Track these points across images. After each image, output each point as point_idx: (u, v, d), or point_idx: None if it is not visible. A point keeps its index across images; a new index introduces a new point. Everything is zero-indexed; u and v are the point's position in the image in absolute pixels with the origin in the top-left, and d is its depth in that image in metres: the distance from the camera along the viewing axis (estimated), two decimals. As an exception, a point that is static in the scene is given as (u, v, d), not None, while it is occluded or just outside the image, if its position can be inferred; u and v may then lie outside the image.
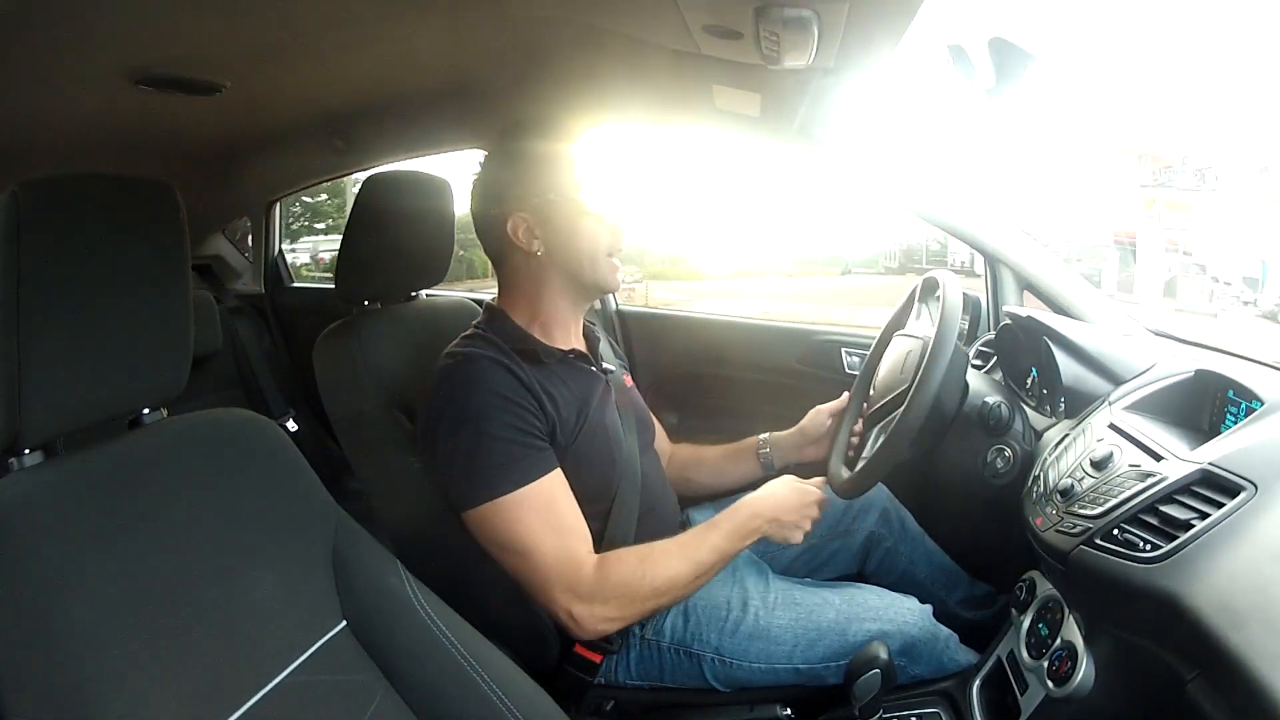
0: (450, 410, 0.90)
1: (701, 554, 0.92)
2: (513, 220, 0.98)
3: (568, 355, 0.99)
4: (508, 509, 0.88)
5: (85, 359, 0.63)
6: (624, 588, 0.89)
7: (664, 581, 0.89)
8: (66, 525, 0.59)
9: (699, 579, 0.92)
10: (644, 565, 0.90)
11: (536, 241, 0.98)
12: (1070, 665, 0.73)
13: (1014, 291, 1.29)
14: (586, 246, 0.98)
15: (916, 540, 1.17)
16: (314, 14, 0.95)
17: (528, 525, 0.88)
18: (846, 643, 0.93)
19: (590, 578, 0.88)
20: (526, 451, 0.90)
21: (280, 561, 0.73)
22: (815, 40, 0.77)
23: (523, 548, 0.88)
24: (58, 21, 0.85)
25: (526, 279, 1.01)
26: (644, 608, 0.90)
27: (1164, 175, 2.40)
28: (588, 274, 1.00)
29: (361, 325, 1.07)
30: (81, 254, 0.62)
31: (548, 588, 0.88)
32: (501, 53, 1.16)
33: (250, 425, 0.78)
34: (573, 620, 0.89)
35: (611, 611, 0.89)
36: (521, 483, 0.88)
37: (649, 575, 0.89)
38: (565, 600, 0.88)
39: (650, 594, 0.89)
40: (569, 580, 0.88)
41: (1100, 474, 0.79)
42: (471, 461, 0.88)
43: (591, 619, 0.88)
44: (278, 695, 0.67)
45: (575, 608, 0.88)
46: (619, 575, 0.89)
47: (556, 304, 1.01)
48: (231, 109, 1.30)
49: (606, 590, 0.88)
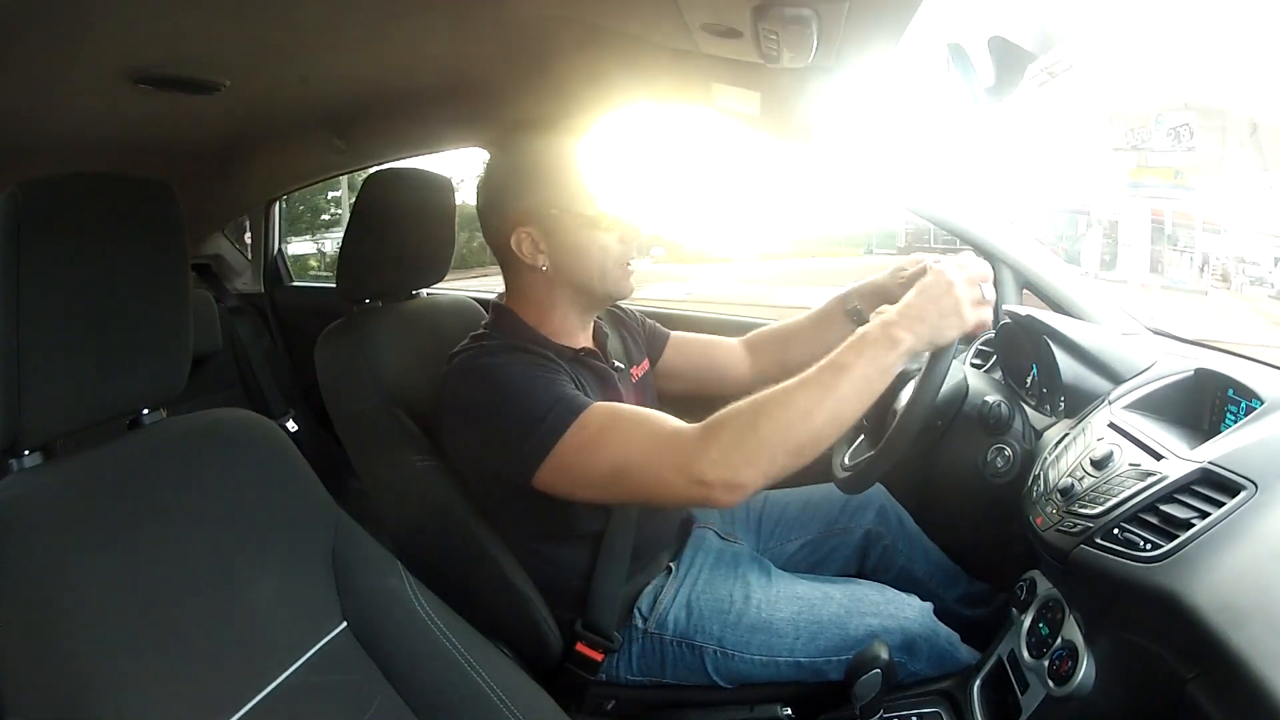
0: (479, 395, 0.87)
1: (833, 380, 0.77)
2: (516, 235, 0.95)
3: (579, 353, 0.99)
4: (580, 438, 0.81)
5: (85, 359, 0.63)
6: (745, 436, 0.76)
7: (793, 417, 0.76)
8: (66, 526, 0.59)
9: (840, 409, 0.77)
10: (759, 408, 0.77)
11: (542, 256, 0.95)
12: (1071, 665, 0.73)
13: (1014, 290, 1.29)
14: (595, 260, 0.95)
15: (914, 538, 1.18)
16: (314, 14, 0.95)
17: (608, 439, 0.81)
18: (848, 636, 0.93)
19: (698, 441, 0.77)
20: (568, 389, 0.86)
21: (280, 562, 0.73)
22: (815, 39, 0.77)
23: (616, 462, 0.80)
24: (58, 21, 0.85)
25: (534, 290, 0.99)
26: (778, 452, 0.76)
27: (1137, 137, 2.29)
28: (598, 287, 0.97)
29: (363, 324, 1.07)
30: (81, 254, 0.62)
31: (661, 480, 0.78)
32: (501, 51, 1.16)
33: (250, 425, 0.78)
34: (709, 489, 0.76)
35: (739, 463, 0.76)
36: (581, 408, 0.83)
37: (769, 417, 0.76)
38: (689, 475, 0.76)
39: (778, 435, 0.76)
40: (677, 454, 0.77)
41: (1100, 473, 0.79)
42: (524, 419, 0.83)
43: (726, 481, 0.76)
44: (278, 696, 0.67)
45: (705, 475, 0.75)
46: (734, 426, 0.77)
47: (567, 314, 0.99)
48: (231, 108, 1.30)
49: (726, 444, 0.76)
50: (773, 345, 1.20)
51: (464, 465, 0.95)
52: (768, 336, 1.22)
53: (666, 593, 1.00)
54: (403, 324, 1.12)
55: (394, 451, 0.99)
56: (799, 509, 1.20)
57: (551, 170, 0.96)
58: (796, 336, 1.19)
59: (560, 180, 0.95)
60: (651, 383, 1.17)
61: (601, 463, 0.81)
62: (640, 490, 0.81)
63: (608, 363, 1.04)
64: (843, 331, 1.14)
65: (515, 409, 0.84)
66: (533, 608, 0.95)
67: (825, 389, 0.77)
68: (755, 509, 1.22)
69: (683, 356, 1.21)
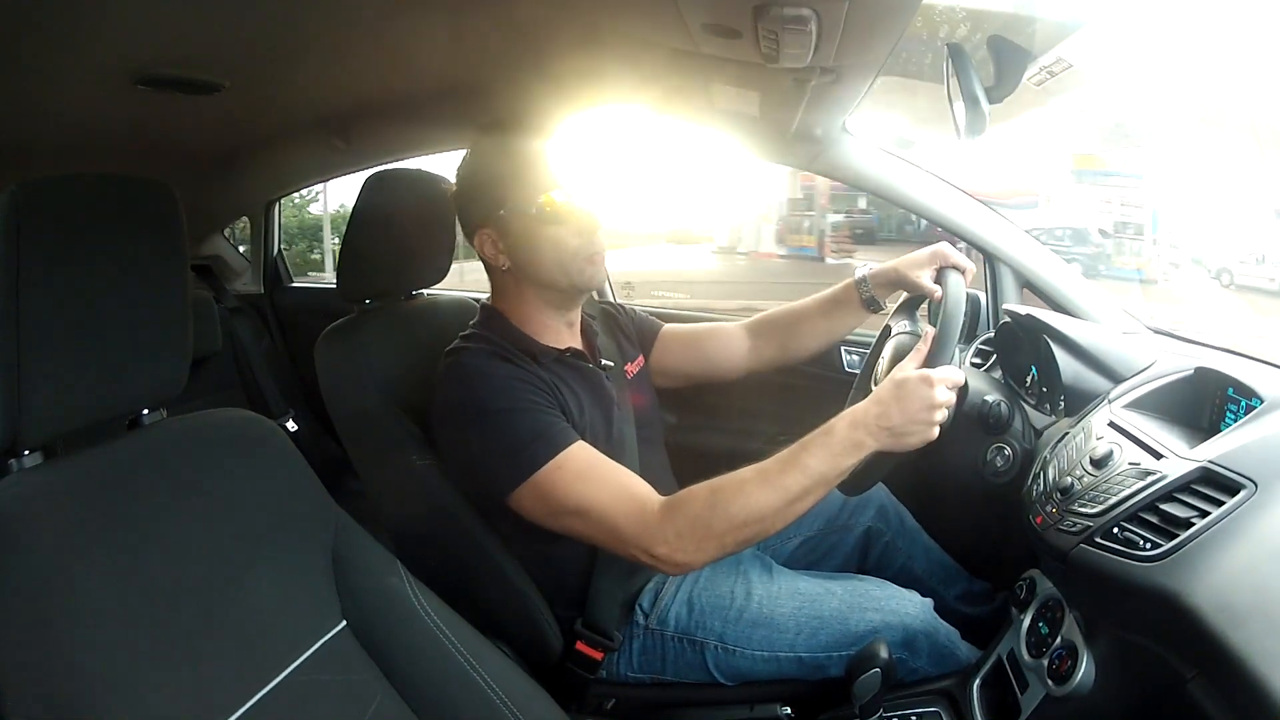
0: (467, 405, 0.89)
1: (789, 479, 0.81)
2: (478, 237, 0.99)
3: (564, 354, 0.99)
4: (555, 475, 0.86)
5: (85, 359, 0.63)
6: (698, 524, 0.82)
7: (746, 514, 0.81)
8: (66, 526, 0.59)
9: (793, 505, 0.81)
10: (716, 499, 0.82)
11: (502, 257, 0.98)
12: (1070, 664, 0.73)
13: (1013, 289, 1.30)
14: (550, 256, 0.96)
15: (914, 535, 1.18)
16: (314, 14, 0.95)
17: (580, 485, 0.86)
18: (849, 632, 0.93)
19: (658, 517, 0.83)
20: (554, 420, 0.89)
21: (280, 562, 0.73)
22: (814, 39, 0.77)
23: (581, 507, 0.85)
24: (58, 22, 0.85)
25: (507, 289, 1.01)
26: (727, 541, 0.82)
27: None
28: (561, 280, 0.98)
29: (363, 324, 1.07)
30: (81, 254, 0.62)
31: (619, 537, 0.84)
32: (501, 52, 1.16)
33: (250, 425, 0.78)
34: (657, 561, 0.83)
35: (690, 548, 0.82)
36: (562, 446, 0.87)
37: (724, 509, 0.81)
38: (641, 544, 0.83)
39: (729, 528, 0.81)
40: (637, 524, 0.84)
41: (1100, 472, 0.79)
42: (506, 443, 0.87)
43: (673, 560, 0.83)
44: (278, 695, 0.67)
45: (654, 549, 0.83)
46: (689, 513, 0.83)
47: (540, 309, 1.01)
48: (231, 109, 1.30)
49: (681, 528, 0.82)
50: (777, 330, 1.19)
51: (453, 464, 0.96)
52: (772, 320, 1.20)
53: (667, 590, 1.00)
54: (403, 324, 1.12)
55: (394, 451, 0.99)
56: None
57: (500, 172, 0.98)
58: (804, 321, 1.18)
59: (508, 181, 0.97)
60: (648, 377, 1.17)
61: (570, 499, 0.86)
62: (595, 536, 0.87)
63: (595, 362, 1.04)
64: (856, 319, 1.14)
65: (499, 432, 0.87)
66: (533, 607, 0.95)
67: (781, 489, 0.81)
68: None
69: (674, 349, 1.20)
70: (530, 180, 0.96)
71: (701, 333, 1.21)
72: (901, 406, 0.81)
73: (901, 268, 1.08)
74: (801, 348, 1.17)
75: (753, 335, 1.20)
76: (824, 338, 1.17)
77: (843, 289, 1.15)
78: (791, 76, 0.96)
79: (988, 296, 1.33)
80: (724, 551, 0.84)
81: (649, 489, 0.87)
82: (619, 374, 1.08)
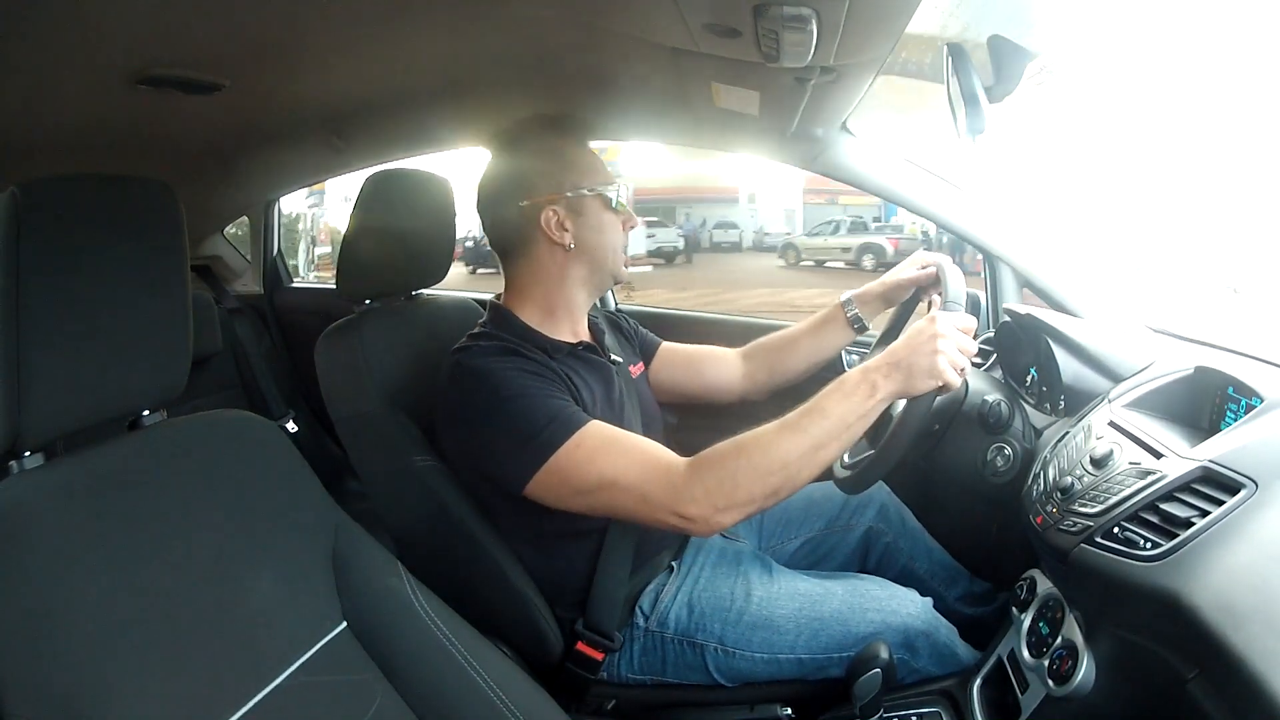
0: (477, 401, 0.89)
1: (810, 424, 0.82)
2: (547, 213, 0.98)
3: (576, 347, 1.00)
4: (575, 454, 0.85)
5: (85, 360, 0.63)
6: (725, 479, 0.82)
7: (770, 462, 0.81)
8: (67, 527, 0.59)
9: (816, 453, 0.82)
10: (741, 452, 0.83)
11: (567, 235, 0.99)
12: (1071, 664, 0.73)
13: (1013, 289, 1.29)
14: (610, 240, 1.02)
15: (916, 536, 1.18)
16: (314, 14, 0.95)
17: (602, 458, 0.85)
18: (849, 632, 0.93)
19: (684, 477, 0.83)
20: (567, 403, 0.89)
21: (280, 562, 0.73)
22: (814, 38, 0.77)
23: (605, 479, 0.85)
24: (58, 22, 0.85)
25: (549, 270, 1.01)
26: (755, 492, 0.82)
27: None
28: (609, 266, 1.03)
29: (363, 325, 1.07)
30: (81, 254, 0.62)
31: (647, 503, 0.84)
32: (501, 51, 1.16)
33: (250, 426, 0.78)
34: (689, 523, 0.83)
35: (720, 503, 0.82)
36: (578, 425, 0.87)
37: (749, 460, 0.82)
38: (671, 506, 0.82)
39: (756, 478, 0.81)
40: (664, 487, 0.83)
41: (1100, 472, 0.79)
42: (520, 430, 0.86)
43: (704, 518, 0.82)
44: (278, 696, 0.67)
45: (685, 509, 0.82)
46: (715, 469, 0.83)
47: (576, 295, 1.03)
48: (231, 108, 1.29)
49: (709, 484, 0.82)
50: (768, 353, 1.22)
51: (458, 466, 0.96)
52: (764, 345, 1.23)
53: (668, 591, 1.00)
54: (403, 324, 1.12)
55: (393, 451, 0.99)
56: (801, 506, 1.20)
57: (576, 155, 1.03)
58: (794, 344, 1.21)
59: (585, 165, 1.02)
60: (647, 381, 1.18)
61: (591, 474, 0.85)
62: (623, 507, 0.86)
63: (605, 356, 1.05)
64: (843, 337, 1.17)
65: (512, 420, 0.87)
66: (533, 607, 0.95)
67: (804, 434, 0.82)
68: None
69: (670, 367, 1.22)
70: (604, 170, 1.02)
71: (699, 355, 1.23)
72: (907, 342, 0.84)
73: (884, 278, 1.14)
74: (790, 369, 1.21)
75: (746, 360, 1.23)
76: (812, 358, 1.20)
77: (830, 310, 1.19)
78: (791, 76, 0.96)
79: (988, 296, 1.33)
80: (752, 505, 0.82)
81: (671, 453, 0.87)
82: (625, 372, 1.09)
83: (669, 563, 1.05)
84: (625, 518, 0.89)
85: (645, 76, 1.16)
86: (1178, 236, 2.21)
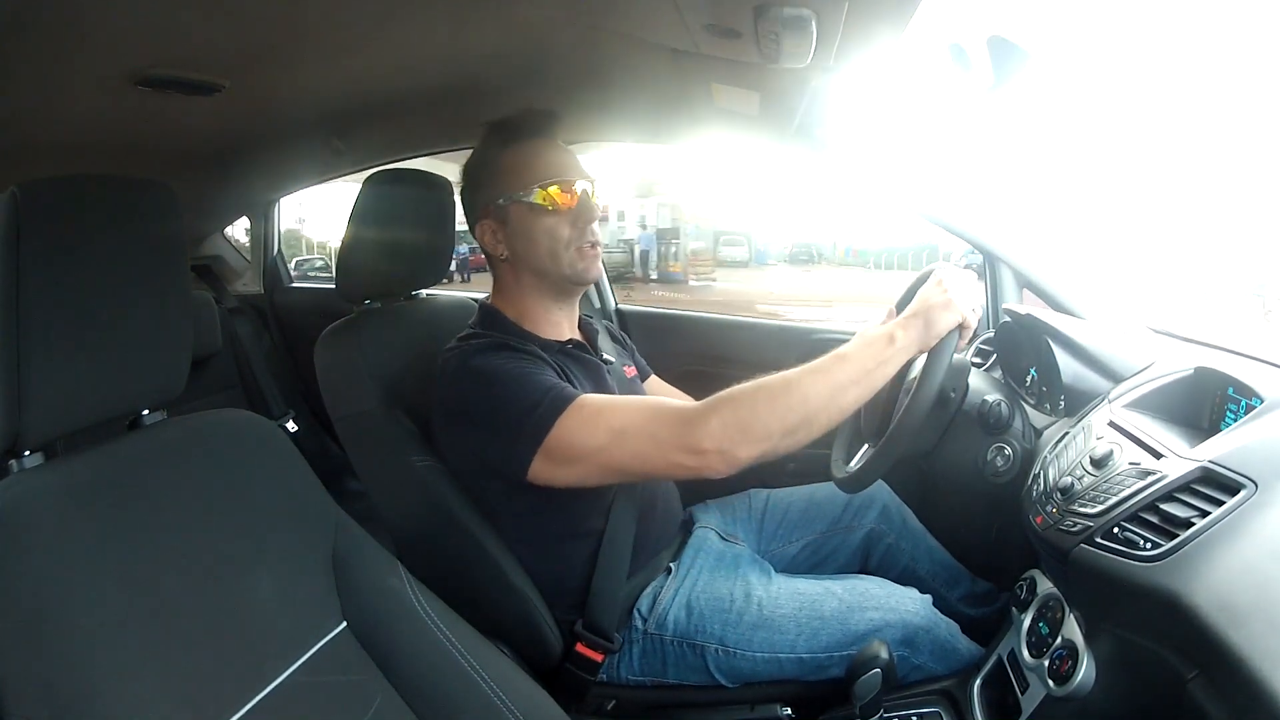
0: (470, 393, 0.90)
1: (832, 367, 0.81)
2: (479, 227, 1.02)
3: (566, 345, 1.01)
4: (575, 420, 0.83)
5: (85, 360, 0.63)
6: (742, 413, 0.79)
7: (791, 399, 0.80)
8: (66, 526, 0.59)
9: (837, 397, 0.80)
10: (760, 387, 0.81)
11: (501, 246, 1.01)
12: (1071, 664, 0.73)
13: (1013, 289, 1.29)
14: (544, 244, 0.98)
15: (917, 537, 1.17)
16: (314, 14, 0.95)
17: (605, 416, 0.83)
18: (849, 631, 0.93)
19: (698, 410, 0.81)
20: (560, 381, 0.90)
21: (280, 562, 0.73)
22: (814, 39, 0.78)
23: (614, 431, 0.82)
24: (58, 23, 0.85)
25: (506, 280, 1.04)
26: (773, 429, 0.79)
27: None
28: (552, 270, 1.00)
29: (362, 324, 1.07)
30: (81, 254, 0.62)
31: (659, 444, 0.81)
32: (501, 52, 1.16)
33: (250, 426, 0.78)
34: (704, 459, 0.80)
35: (736, 438, 0.79)
36: (573, 397, 0.85)
37: (769, 396, 0.80)
38: (685, 442, 0.80)
39: (775, 415, 0.79)
40: (676, 423, 0.81)
41: (1100, 472, 0.78)
42: (516, 410, 0.85)
43: (720, 453, 0.79)
44: (278, 696, 0.67)
45: (701, 444, 0.79)
46: (733, 403, 0.80)
47: (539, 300, 1.03)
48: (231, 109, 1.29)
49: (726, 419, 0.79)
50: None
51: (457, 463, 0.96)
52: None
53: (665, 593, 1.00)
54: (402, 324, 1.13)
55: (393, 451, 0.99)
56: (801, 509, 1.20)
57: (501, 164, 1.01)
58: None
59: (508, 172, 0.99)
60: (641, 388, 1.18)
61: (599, 431, 0.83)
62: (635, 455, 0.83)
63: (596, 355, 1.05)
64: None
65: (507, 401, 0.86)
66: (533, 608, 0.95)
67: (826, 375, 0.81)
68: (757, 509, 1.22)
69: None
70: (529, 171, 0.98)
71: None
72: (920, 296, 0.87)
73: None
74: None
75: None
76: None
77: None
78: (792, 76, 0.96)
79: (988, 296, 1.33)
80: (769, 441, 0.79)
81: (683, 401, 0.86)
82: (619, 371, 1.09)
83: (667, 564, 1.05)
84: (636, 467, 0.84)
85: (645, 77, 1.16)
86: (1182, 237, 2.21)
